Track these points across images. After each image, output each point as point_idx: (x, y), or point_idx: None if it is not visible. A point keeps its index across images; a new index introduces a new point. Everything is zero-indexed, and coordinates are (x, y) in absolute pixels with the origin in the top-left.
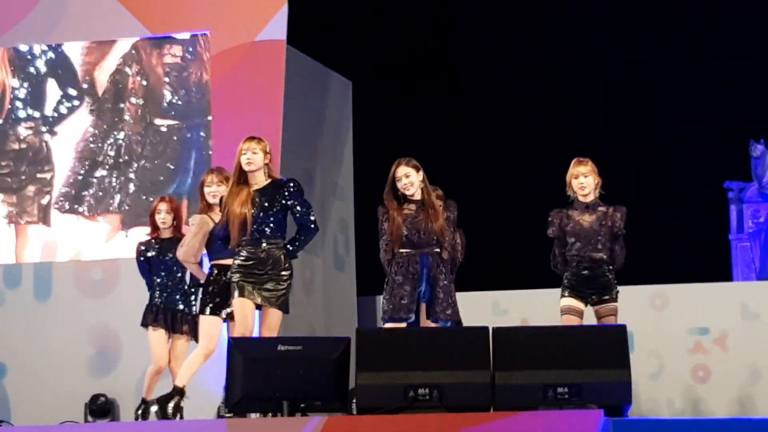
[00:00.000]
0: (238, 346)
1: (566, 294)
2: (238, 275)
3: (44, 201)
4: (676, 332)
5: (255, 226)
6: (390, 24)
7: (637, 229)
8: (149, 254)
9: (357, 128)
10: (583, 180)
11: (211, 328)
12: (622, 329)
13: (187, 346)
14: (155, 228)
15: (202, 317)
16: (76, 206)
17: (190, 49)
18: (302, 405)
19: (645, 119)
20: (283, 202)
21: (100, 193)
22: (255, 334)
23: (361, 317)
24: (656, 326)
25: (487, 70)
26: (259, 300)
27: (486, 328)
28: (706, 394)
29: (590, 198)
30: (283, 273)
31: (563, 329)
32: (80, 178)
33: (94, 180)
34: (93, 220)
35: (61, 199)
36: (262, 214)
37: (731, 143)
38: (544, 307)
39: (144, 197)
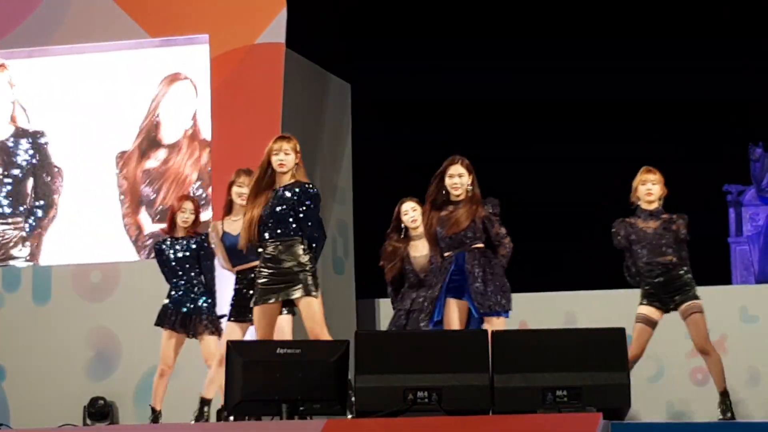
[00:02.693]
0: (236, 349)
1: (644, 302)
2: (260, 280)
3: None
4: (675, 335)
5: (270, 226)
6: (388, 26)
7: None
8: (166, 255)
9: (356, 131)
10: (651, 186)
11: (230, 335)
12: (620, 332)
13: (216, 343)
14: (173, 226)
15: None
16: None
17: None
18: (301, 408)
19: (643, 122)
20: (293, 203)
21: None
22: (284, 337)
23: (360, 320)
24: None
25: (485, 71)
26: (282, 297)
27: (485, 331)
28: (705, 397)
29: (654, 206)
30: (303, 261)
31: (562, 332)
32: None
33: None
34: None
35: None
36: (274, 214)
37: (730, 146)
38: (543, 310)
39: None
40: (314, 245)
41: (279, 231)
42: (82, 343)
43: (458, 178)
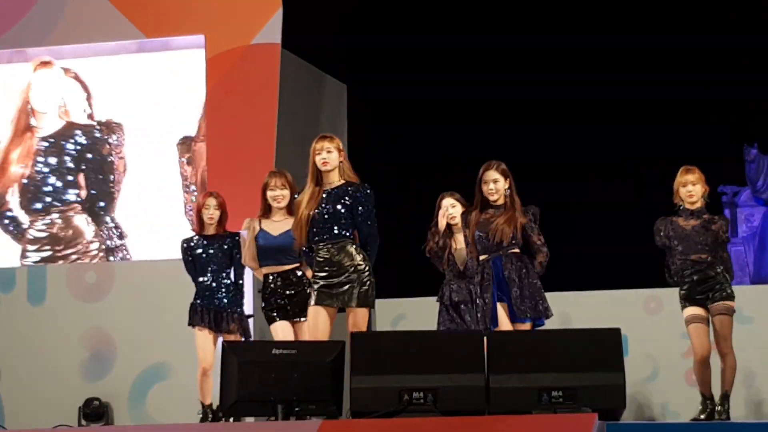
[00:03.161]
0: (232, 350)
1: (686, 304)
2: (316, 281)
3: None
4: (670, 336)
5: (323, 227)
6: (385, 27)
7: (631, 233)
8: (195, 252)
9: (352, 131)
10: (692, 188)
11: (284, 334)
12: (616, 332)
13: None
14: (201, 224)
15: (270, 327)
16: None
17: None
18: (297, 408)
19: (639, 122)
20: (349, 203)
21: None
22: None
23: None
24: (650, 330)
25: (483, 71)
26: (338, 304)
27: (481, 332)
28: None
29: (696, 206)
30: (359, 266)
31: (557, 333)
32: None
33: None
34: None
35: None
36: (328, 215)
37: (725, 148)
38: None
39: None
40: (369, 245)
41: (330, 232)
42: (77, 343)
43: (493, 184)
